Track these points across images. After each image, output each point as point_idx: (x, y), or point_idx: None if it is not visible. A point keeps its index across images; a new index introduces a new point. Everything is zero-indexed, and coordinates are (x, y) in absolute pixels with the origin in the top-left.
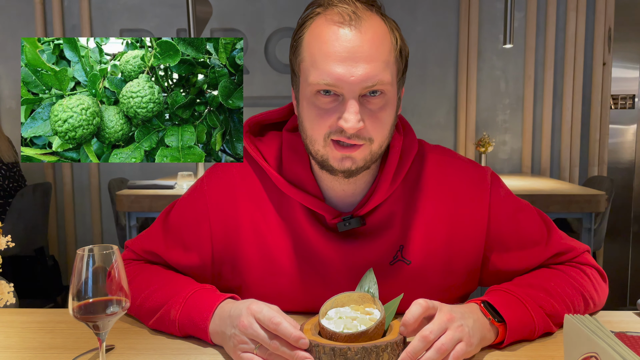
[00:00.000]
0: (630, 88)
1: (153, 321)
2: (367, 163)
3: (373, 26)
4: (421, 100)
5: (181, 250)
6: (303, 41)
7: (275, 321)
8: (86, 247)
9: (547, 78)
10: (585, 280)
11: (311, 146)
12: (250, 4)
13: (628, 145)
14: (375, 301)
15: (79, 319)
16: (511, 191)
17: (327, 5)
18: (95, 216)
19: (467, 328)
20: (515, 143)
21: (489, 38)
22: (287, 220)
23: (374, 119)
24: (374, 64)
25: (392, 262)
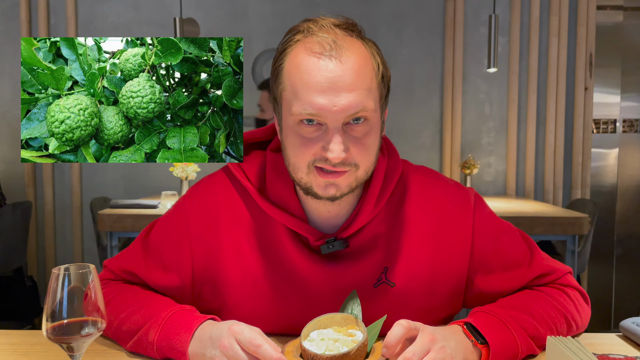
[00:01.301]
0: (612, 113)
1: (131, 344)
2: (352, 189)
3: (354, 54)
4: (407, 122)
5: (161, 270)
6: (283, 69)
7: (255, 343)
8: (62, 266)
9: (530, 102)
10: (568, 302)
11: (294, 174)
12: (237, 25)
13: (610, 169)
14: (358, 323)
15: (53, 340)
16: (494, 213)
17: (307, 32)
18: (77, 236)
19: (449, 349)
20: (499, 165)
21: (473, 62)
22: (269, 242)
23: (358, 146)
24: (356, 92)
25: (376, 285)
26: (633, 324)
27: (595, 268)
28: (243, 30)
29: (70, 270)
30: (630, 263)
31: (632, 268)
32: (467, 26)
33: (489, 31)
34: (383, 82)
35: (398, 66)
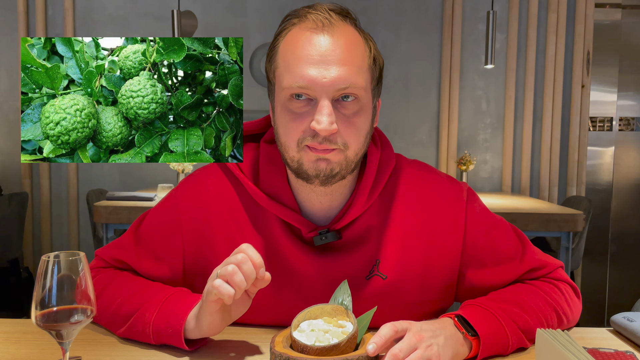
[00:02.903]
0: (608, 111)
1: (125, 328)
2: (343, 170)
3: (346, 33)
4: (404, 117)
5: (152, 261)
6: (278, 49)
7: (243, 246)
8: (51, 253)
9: (527, 99)
10: (559, 296)
11: (286, 153)
12: (235, 19)
13: (606, 167)
14: (348, 314)
15: (42, 327)
16: (487, 207)
17: (302, 15)
18: (73, 227)
19: (436, 347)
20: (495, 162)
21: (471, 58)
22: (262, 233)
23: (347, 124)
24: (347, 67)
25: (368, 277)
26: (624, 319)
27: (589, 265)
28: (241, 24)
29: (60, 258)
30: (624, 261)
31: (625, 265)
32: (465, 22)
33: (487, 28)
34: (375, 65)
35: (396, 62)
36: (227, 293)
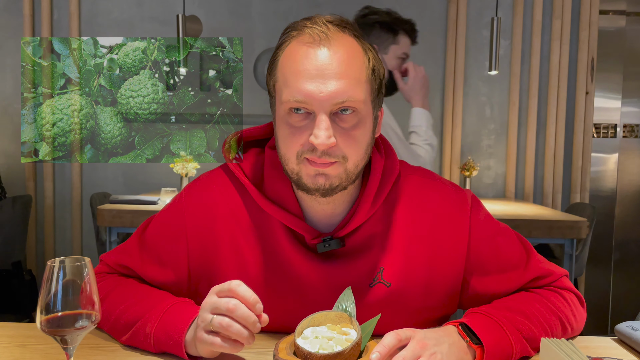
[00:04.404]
0: (612, 118)
1: (128, 336)
2: (343, 182)
3: (344, 45)
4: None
5: (157, 266)
6: (278, 63)
7: (232, 285)
8: (57, 258)
9: (531, 105)
10: (564, 305)
11: (286, 165)
12: (240, 23)
13: (610, 174)
14: (352, 321)
15: (47, 333)
16: (491, 215)
17: (301, 28)
18: (76, 231)
19: (440, 355)
20: (499, 168)
21: (475, 64)
22: (266, 239)
23: (346, 137)
24: (344, 80)
25: (371, 284)
26: (628, 328)
27: (593, 272)
28: (245, 28)
29: (65, 263)
30: (628, 268)
31: (630, 273)
32: (469, 28)
33: (491, 34)
34: (374, 76)
35: None
36: (237, 350)
